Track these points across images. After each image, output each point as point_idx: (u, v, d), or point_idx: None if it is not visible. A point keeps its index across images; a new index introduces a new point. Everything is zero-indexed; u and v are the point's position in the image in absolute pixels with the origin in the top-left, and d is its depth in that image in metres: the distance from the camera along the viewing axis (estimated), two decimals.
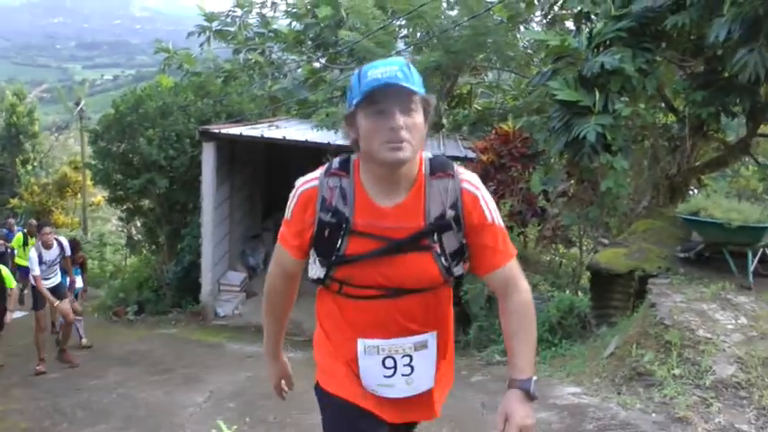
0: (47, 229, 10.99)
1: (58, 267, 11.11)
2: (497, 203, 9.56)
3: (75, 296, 12.31)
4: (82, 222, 31.27)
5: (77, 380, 9.59)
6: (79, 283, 12.51)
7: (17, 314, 16.66)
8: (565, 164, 11.10)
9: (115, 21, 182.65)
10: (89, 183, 28.38)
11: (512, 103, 18.68)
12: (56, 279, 11.02)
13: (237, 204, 16.25)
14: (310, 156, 17.60)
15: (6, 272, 10.15)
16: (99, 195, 30.84)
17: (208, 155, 13.89)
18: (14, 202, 32.52)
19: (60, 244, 11.07)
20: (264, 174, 18.79)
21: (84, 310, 14.17)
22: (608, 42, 9.45)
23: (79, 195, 32.15)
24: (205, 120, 15.60)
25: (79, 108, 31.70)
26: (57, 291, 10.83)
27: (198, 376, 8.90)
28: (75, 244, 12.85)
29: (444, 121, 20.17)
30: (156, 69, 23.72)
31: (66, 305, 11.04)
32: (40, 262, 10.51)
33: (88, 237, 27.44)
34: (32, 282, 10.66)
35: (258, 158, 17.75)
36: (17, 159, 36.41)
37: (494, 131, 12.03)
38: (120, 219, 19.89)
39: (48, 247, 10.74)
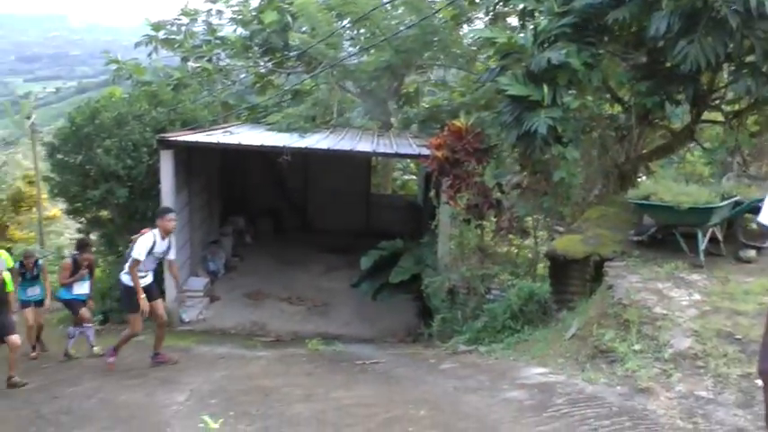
0: (173, 215, 10.14)
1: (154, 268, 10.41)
2: (454, 197, 9.94)
3: (84, 302, 12.29)
4: (38, 236, 30.96)
5: (54, 389, 9.58)
6: (86, 289, 12.30)
7: None
8: (517, 156, 11.41)
9: (53, 33, 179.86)
10: (44, 196, 28.14)
11: (459, 100, 18.94)
12: (149, 279, 10.24)
13: (196, 210, 16.37)
14: (265, 159, 17.87)
15: (7, 275, 10.04)
16: (54, 209, 30.65)
17: (166, 163, 13.96)
18: None
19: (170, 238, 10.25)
20: (220, 179, 18.93)
21: (48, 322, 14.25)
22: (553, 38, 9.79)
23: (34, 210, 31.86)
24: (160, 128, 15.64)
25: (31, 122, 31.45)
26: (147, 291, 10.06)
27: (174, 378, 9.03)
28: (84, 243, 12.92)
29: (393, 119, 20.45)
30: (99, 80, 23.69)
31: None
32: (150, 252, 9.73)
33: (45, 250, 27.21)
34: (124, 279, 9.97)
35: (214, 164, 17.91)
36: None
37: (446, 128, 12.29)
38: (79, 231, 19.80)
39: (164, 235, 9.88)
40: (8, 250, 12.34)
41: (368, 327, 14.27)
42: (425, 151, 13.20)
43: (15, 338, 9.78)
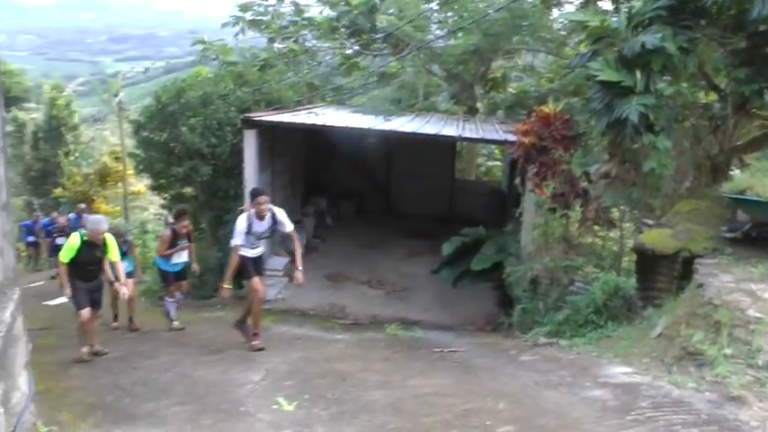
0: (262, 198, 9.80)
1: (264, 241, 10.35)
2: (540, 185, 9.63)
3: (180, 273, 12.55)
4: (123, 211, 31.62)
5: (133, 360, 9.72)
6: (184, 258, 12.36)
7: (60, 300, 17.08)
8: (606, 145, 11.07)
9: (142, 14, 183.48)
10: (130, 172, 28.72)
11: (547, 86, 18.61)
12: (260, 250, 10.25)
13: (279, 190, 16.39)
14: (350, 141, 17.77)
15: (112, 241, 10.11)
16: (139, 184, 31.27)
17: (249, 142, 14.05)
18: (58, 192, 33.01)
19: (273, 216, 10.02)
20: (304, 160, 18.94)
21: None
22: (647, 21, 9.38)
23: (120, 185, 32.55)
24: (245, 108, 15.73)
25: (118, 99, 32.06)
26: (256, 263, 10.20)
27: (251, 357, 9.02)
28: (182, 212, 12.70)
29: (479, 105, 20.19)
30: (186, 61, 23.88)
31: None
32: (248, 232, 9.78)
33: (129, 225, 27.78)
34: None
35: (297, 145, 17.92)
36: (59, 151, 37.00)
37: (534, 114, 11.98)
38: (162, 207, 20.11)
39: (261, 217, 9.81)
40: None
41: (447, 314, 14.09)
42: (512, 137, 12.94)
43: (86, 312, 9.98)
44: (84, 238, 9.69)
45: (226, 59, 20.14)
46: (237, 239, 9.71)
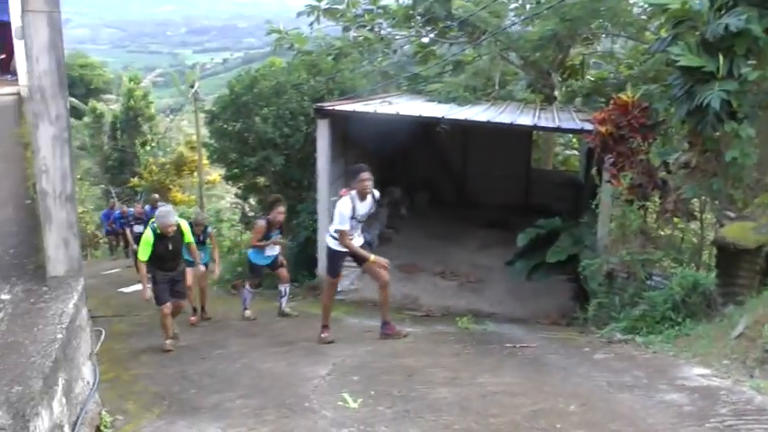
0: (366, 174, 9.06)
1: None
2: (617, 176, 9.30)
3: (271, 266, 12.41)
4: (198, 200, 31.99)
5: (203, 349, 9.83)
6: (276, 250, 12.19)
7: (139, 286, 17.31)
8: (686, 133, 10.69)
9: (222, 6, 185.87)
10: (205, 162, 29.08)
11: (626, 73, 18.15)
12: (360, 240, 9.58)
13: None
14: (424, 130, 17.58)
15: (185, 225, 10.42)
16: (215, 174, 31.62)
17: (322, 132, 14.00)
18: (135, 181, 33.70)
19: (374, 196, 9.45)
20: (377, 149, 18.81)
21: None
22: (732, 3, 9.01)
23: (195, 174, 32.95)
24: (318, 97, 15.71)
25: (194, 90, 32.40)
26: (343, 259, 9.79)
27: (319, 349, 8.93)
28: (275, 201, 12.22)
29: (557, 93, 19.80)
30: (264, 51, 23.93)
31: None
32: (352, 216, 9.04)
33: (204, 213, 28.17)
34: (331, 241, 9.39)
35: (370, 134, 17.76)
36: (136, 141, 37.79)
37: (612, 102, 11.63)
38: (236, 196, 20.27)
39: (364, 196, 9.10)
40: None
41: (520, 306, 13.88)
42: (588, 126, 12.65)
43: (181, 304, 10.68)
44: (158, 231, 9.83)
45: (301, 48, 20.09)
46: (344, 225, 8.96)
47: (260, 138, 15.43)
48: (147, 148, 36.92)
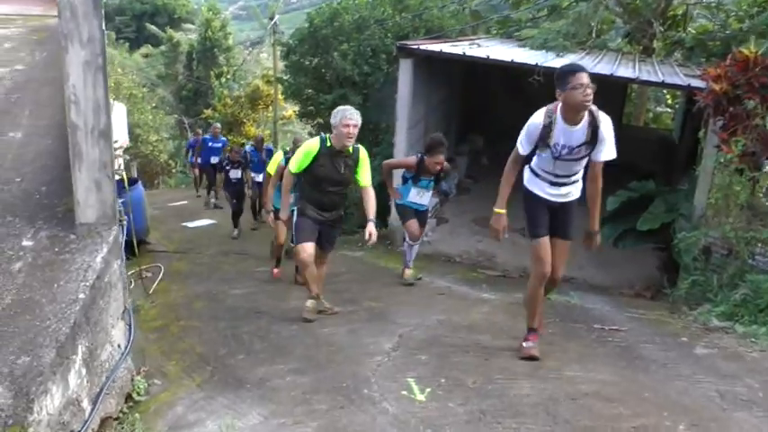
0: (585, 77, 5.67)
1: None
2: (728, 141, 8.17)
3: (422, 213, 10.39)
4: (273, 135, 31.46)
5: (260, 301, 9.11)
6: (426, 199, 10.24)
7: (205, 222, 16.83)
8: None
9: None
10: (280, 97, 28.49)
11: (736, 26, 16.76)
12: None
13: (432, 125, 15.34)
14: (512, 78, 16.50)
15: (365, 157, 7.91)
16: (290, 109, 30.98)
17: (405, 72, 13.09)
18: (208, 113, 33.31)
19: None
20: (462, 94, 17.83)
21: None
22: None
23: (270, 108, 32.37)
24: (402, 35, 14.85)
25: (273, 22, 31.67)
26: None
27: (384, 313, 8.07)
28: (436, 144, 9.76)
29: (656, 44, 18.51)
30: None
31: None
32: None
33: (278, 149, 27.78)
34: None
35: (456, 78, 16.78)
36: (212, 72, 37.44)
37: (730, 57, 10.40)
38: (310, 134, 19.62)
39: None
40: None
41: (603, 273, 12.91)
42: (697, 83, 11.52)
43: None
44: (329, 143, 7.50)
45: None
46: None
47: (337, 75, 14.69)
48: (223, 80, 36.41)
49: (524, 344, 6.29)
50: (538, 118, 5.89)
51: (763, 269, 9.72)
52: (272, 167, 10.20)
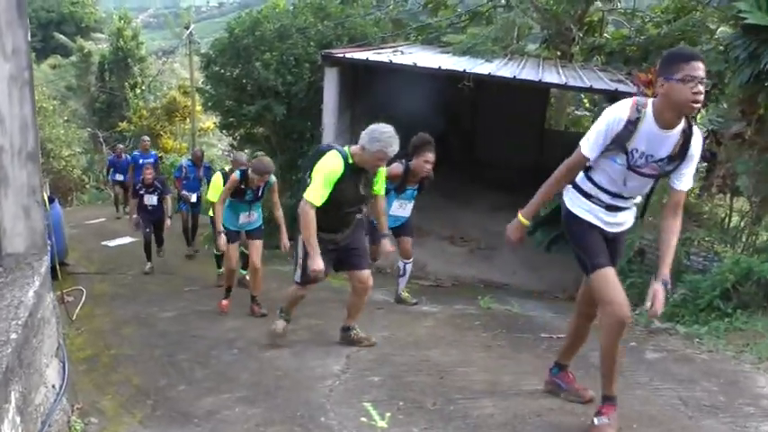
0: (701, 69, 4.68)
1: None
2: None
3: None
4: (190, 147, 30.90)
5: (192, 323, 8.70)
6: (408, 211, 9.19)
7: (126, 240, 16.27)
8: (741, 101, 9.62)
9: None
10: (198, 108, 27.98)
11: (653, 32, 16.99)
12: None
13: (358, 135, 15.17)
14: (434, 84, 16.42)
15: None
16: (208, 121, 30.52)
17: (330, 81, 12.88)
18: (123, 125, 32.56)
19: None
20: (386, 102, 17.66)
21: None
22: None
23: (188, 120, 31.81)
24: (326, 43, 14.62)
25: (189, 32, 31.17)
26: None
27: (326, 332, 7.71)
28: (421, 143, 8.94)
29: (574, 50, 18.69)
30: None
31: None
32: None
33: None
34: None
35: (380, 86, 16.61)
36: (126, 83, 36.59)
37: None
38: (232, 146, 19.27)
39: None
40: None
41: (535, 277, 12.96)
42: (622, 87, 11.58)
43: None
44: (350, 160, 6.42)
45: None
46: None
47: (260, 85, 14.36)
48: (138, 91, 35.61)
49: (596, 420, 4.73)
50: (622, 110, 4.49)
51: (699, 269, 9.78)
52: (213, 194, 9.57)
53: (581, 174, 4.91)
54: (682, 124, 4.40)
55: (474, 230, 15.28)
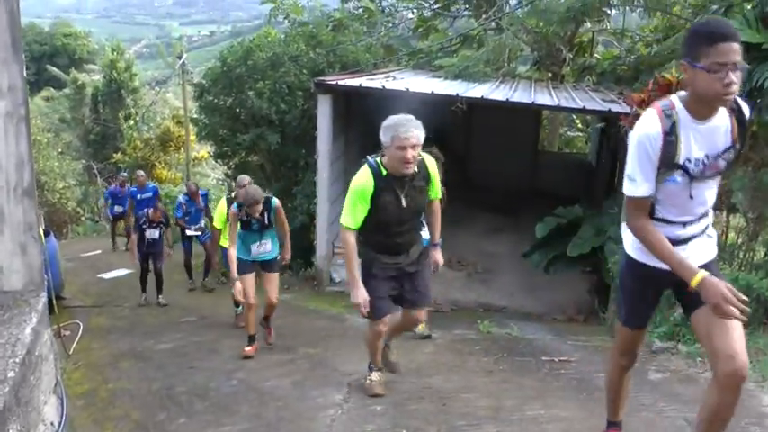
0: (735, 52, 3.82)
1: None
2: None
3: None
4: (185, 177, 30.82)
5: (190, 354, 8.68)
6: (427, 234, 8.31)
7: (122, 272, 16.20)
8: None
9: None
10: (192, 137, 27.95)
11: (644, 51, 17.05)
12: None
13: (352, 161, 15.12)
14: (427, 107, 16.43)
15: (432, 165, 6.84)
16: (202, 150, 30.49)
17: (324, 108, 12.90)
18: (118, 156, 32.47)
19: None
20: (379, 127, 17.67)
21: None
22: None
23: (182, 150, 31.79)
24: (318, 71, 14.62)
25: (181, 61, 31.15)
26: None
27: (325, 361, 7.73)
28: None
29: (565, 71, 18.75)
30: (253, 25, 22.73)
31: None
32: None
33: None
34: None
35: (373, 111, 16.63)
36: (119, 114, 36.58)
37: (652, 81, 10.46)
38: (226, 175, 19.23)
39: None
40: None
41: (533, 299, 12.98)
42: (615, 107, 11.60)
43: None
44: (383, 171, 5.55)
45: (297, 18, 18.83)
46: None
47: (253, 114, 14.37)
48: (131, 122, 35.54)
49: None
50: (652, 125, 3.68)
51: None
52: (218, 221, 9.59)
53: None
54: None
55: (471, 253, 15.22)
